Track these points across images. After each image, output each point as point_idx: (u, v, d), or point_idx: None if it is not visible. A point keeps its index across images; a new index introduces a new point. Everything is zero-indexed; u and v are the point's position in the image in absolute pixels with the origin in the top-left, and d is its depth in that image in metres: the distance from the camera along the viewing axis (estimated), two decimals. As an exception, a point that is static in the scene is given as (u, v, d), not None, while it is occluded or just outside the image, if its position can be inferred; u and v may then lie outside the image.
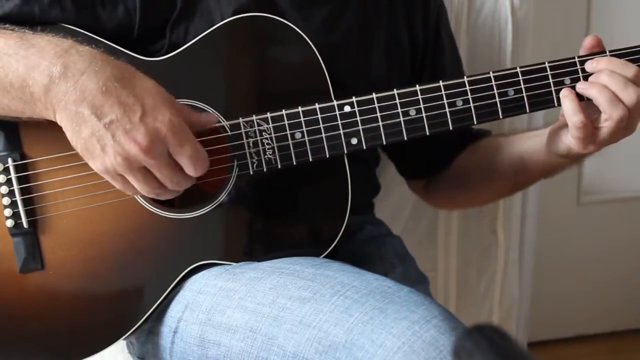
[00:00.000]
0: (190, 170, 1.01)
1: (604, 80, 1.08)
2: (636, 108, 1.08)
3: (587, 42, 1.13)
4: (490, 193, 1.41)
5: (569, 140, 1.12)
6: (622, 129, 1.10)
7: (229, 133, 1.09)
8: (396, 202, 1.61)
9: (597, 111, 1.09)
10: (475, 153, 1.36)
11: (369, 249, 1.29)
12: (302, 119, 1.09)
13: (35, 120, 1.05)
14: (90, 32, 1.12)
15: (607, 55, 1.11)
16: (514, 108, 1.11)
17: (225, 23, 1.12)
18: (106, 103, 0.98)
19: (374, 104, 1.10)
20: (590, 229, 2.25)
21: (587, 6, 2.09)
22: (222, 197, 1.11)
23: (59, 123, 1.01)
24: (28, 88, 1.01)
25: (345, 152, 1.10)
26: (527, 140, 1.27)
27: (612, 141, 1.12)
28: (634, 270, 2.29)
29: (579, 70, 1.11)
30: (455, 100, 1.10)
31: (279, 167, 1.10)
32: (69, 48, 1.02)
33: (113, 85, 0.99)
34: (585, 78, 1.11)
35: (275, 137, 1.09)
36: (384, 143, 1.10)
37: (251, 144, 1.10)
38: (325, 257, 1.15)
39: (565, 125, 1.13)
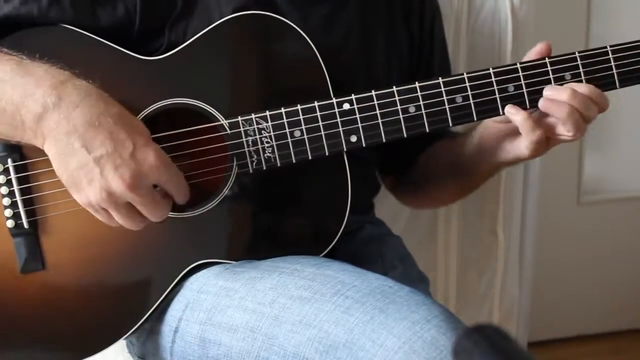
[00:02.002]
0: (180, 199, 1.06)
1: (571, 101, 1.09)
2: (590, 121, 1.12)
3: (538, 49, 1.14)
4: (442, 195, 1.42)
5: (520, 150, 1.14)
6: None
7: (228, 132, 1.09)
8: (396, 202, 1.61)
9: (547, 118, 1.11)
10: (427, 156, 1.37)
11: (369, 249, 1.29)
12: (301, 117, 1.09)
13: None
14: (89, 32, 1.12)
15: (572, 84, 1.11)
16: (514, 104, 1.11)
17: (225, 21, 1.12)
18: (97, 137, 0.99)
19: (373, 101, 1.10)
20: (590, 229, 2.25)
21: (587, 6, 2.09)
22: (222, 196, 1.11)
23: (46, 152, 1.02)
24: (19, 115, 1.02)
25: (345, 149, 1.10)
26: (461, 145, 1.27)
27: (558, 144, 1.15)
28: (634, 270, 2.29)
29: (580, 66, 1.11)
30: (454, 97, 1.10)
31: (279, 165, 1.10)
32: (66, 80, 1.03)
33: (106, 120, 1.00)
34: (586, 73, 1.11)
35: (274, 135, 1.09)
36: (384, 140, 1.10)
37: (250, 143, 1.09)
38: (325, 256, 1.15)
39: (509, 135, 1.15)
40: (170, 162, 1.03)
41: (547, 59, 1.12)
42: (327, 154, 1.10)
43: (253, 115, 1.09)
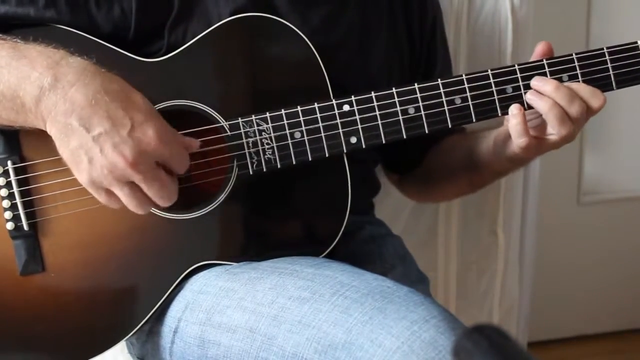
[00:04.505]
0: (179, 170, 1.04)
1: (553, 95, 1.10)
2: (580, 122, 1.11)
3: (539, 49, 1.14)
4: (452, 189, 1.43)
5: (513, 149, 1.15)
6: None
7: (229, 133, 1.09)
8: (396, 202, 1.61)
9: (540, 119, 1.12)
10: (440, 151, 1.37)
11: (369, 249, 1.29)
12: (301, 118, 1.09)
13: None
14: (87, 34, 1.12)
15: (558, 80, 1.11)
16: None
17: (224, 23, 1.12)
18: (95, 115, 0.99)
19: (373, 102, 1.10)
20: (590, 229, 2.25)
21: (587, 6, 2.09)
22: (222, 197, 1.11)
23: (49, 133, 1.02)
24: (19, 99, 1.02)
25: (345, 151, 1.10)
26: (477, 140, 1.28)
27: (554, 149, 1.15)
28: (634, 270, 2.29)
29: (577, 67, 1.12)
30: (454, 98, 1.11)
31: (279, 166, 1.10)
32: (60, 59, 1.02)
33: (103, 98, 0.99)
34: (583, 74, 1.12)
35: (274, 136, 1.09)
36: (384, 141, 1.11)
37: (250, 144, 1.10)
38: (325, 257, 1.15)
39: (509, 135, 1.15)
40: (171, 137, 1.02)
41: (544, 60, 1.12)
42: (327, 155, 1.10)
43: (253, 117, 1.09)
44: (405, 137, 1.11)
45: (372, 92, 1.10)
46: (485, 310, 1.75)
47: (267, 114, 1.09)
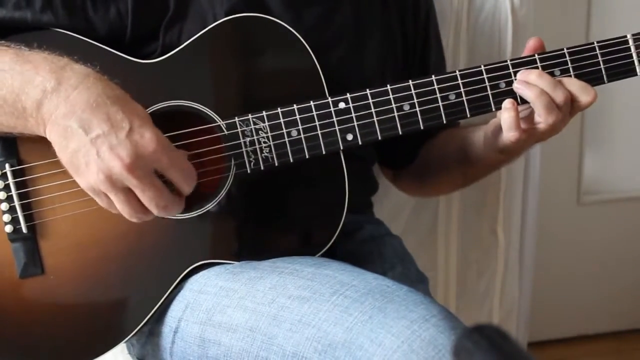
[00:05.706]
0: (183, 185, 1.02)
1: (537, 82, 1.10)
2: (566, 111, 1.11)
3: (531, 44, 1.15)
4: (446, 183, 1.43)
5: (503, 141, 1.15)
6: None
7: (225, 132, 1.10)
8: (396, 202, 1.61)
9: (529, 110, 1.12)
10: (434, 145, 1.37)
11: (368, 249, 1.29)
12: (297, 116, 1.09)
13: None
14: (83, 36, 1.12)
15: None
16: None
17: (219, 23, 1.12)
18: (95, 118, 0.98)
19: (368, 99, 1.10)
20: (590, 229, 2.25)
21: (587, 6, 2.09)
22: (220, 196, 1.11)
23: (48, 138, 1.01)
24: (20, 103, 1.01)
25: (342, 148, 1.11)
26: (470, 133, 1.28)
27: (542, 139, 1.16)
28: (634, 271, 2.29)
29: (568, 62, 1.13)
30: (448, 94, 1.11)
31: (276, 165, 1.10)
32: (65, 65, 1.02)
33: (104, 102, 0.99)
34: (574, 69, 1.12)
35: (271, 135, 1.10)
36: (379, 138, 1.11)
37: (248, 143, 1.10)
38: (325, 256, 1.14)
39: (500, 127, 1.15)
40: (171, 146, 1.01)
41: (536, 55, 1.12)
42: (324, 152, 1.10)
43: (250, 116, 1.09)
44: (400, 133, 1.11)
45: (367, 90, 1.10)
46: (485, 310, 1.75)
47: (264, 113, 1.09)
